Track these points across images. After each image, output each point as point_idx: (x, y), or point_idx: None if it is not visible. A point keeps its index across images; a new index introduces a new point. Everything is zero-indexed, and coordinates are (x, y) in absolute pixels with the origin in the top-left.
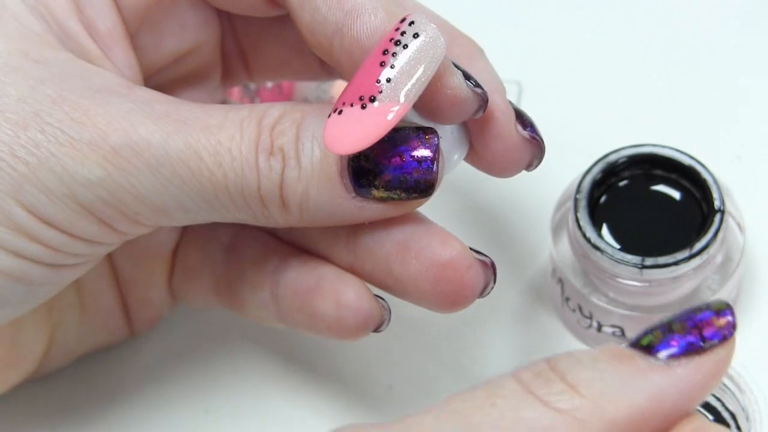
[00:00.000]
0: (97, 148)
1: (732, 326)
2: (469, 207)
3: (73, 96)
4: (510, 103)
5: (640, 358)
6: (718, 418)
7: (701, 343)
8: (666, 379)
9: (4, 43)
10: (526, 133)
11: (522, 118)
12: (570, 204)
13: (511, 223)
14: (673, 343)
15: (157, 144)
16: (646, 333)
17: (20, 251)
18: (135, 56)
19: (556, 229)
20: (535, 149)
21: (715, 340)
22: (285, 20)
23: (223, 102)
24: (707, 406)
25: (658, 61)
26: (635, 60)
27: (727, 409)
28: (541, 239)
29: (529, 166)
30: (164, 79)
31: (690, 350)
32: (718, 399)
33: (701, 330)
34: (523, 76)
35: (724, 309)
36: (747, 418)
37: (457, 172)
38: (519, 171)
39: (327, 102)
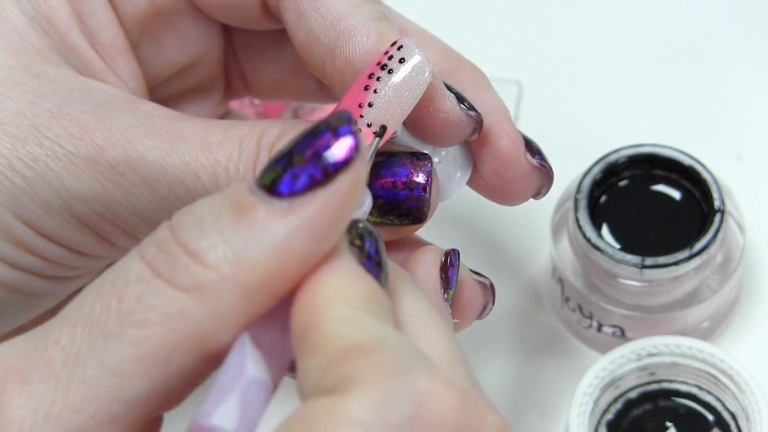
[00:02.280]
0: (95, 163)
1: (354, 147)
2: (469, 207)
3: (72, 111)
4: (519, 132)
5: (260, 207)
6: (719, 419)
7: (322, 174)
8: (288, 226)
9: (5, 56)
10: (535, 161)
11: (530, 146)
12: (570, 204)
13: (511, 223)
14: (295, 177)
15: (155, 161)
16: (269, 168)
17: (18, 263)
18: (138, 67)
19: (556, 229)
20: (543, 177)
21: (337, 167)
22: (283, 42)
23: (226, 114)
24: (707, 406)
25: (658, 61)
26: (635, 60)
27: (727, 409)
28: (541, 239)
29: (537, 194)
30: (167, 92)
31: (313, 183)
32: (719, 399)
33: (321, 157)
34: (523, 76)
35: (342, 125)
36: (747, 418)
37: None
38: (527, 199)
39: (326, 110)
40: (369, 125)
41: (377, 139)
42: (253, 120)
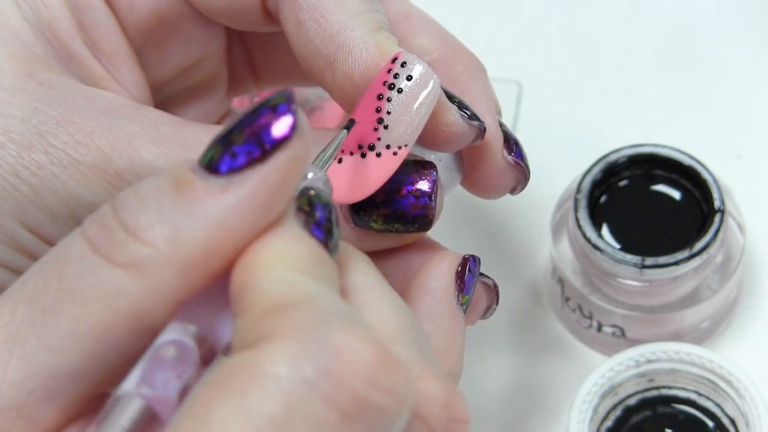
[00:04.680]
0: (101, 171)
1: (293, 125)
2: (469, 207)
3: (77, 118)
4: (501, 125)
5: (199, 184)
6: (718, 424)
7: (260, 151)
8: (224, 203)
9: (9, 63)
10: (510, 159)
11: (509, 143)
12: (570, 204)
13: (511, 223)
14: (233, 155)
15: (160, 169)
16: (210, 146)
17: (22, 269)
18: (142, 74)
19: (556, 229)
20: (519, 175)
21: (275, 144)
22: None
23: (228, 112)
24: (707, 412)
25: (658, 61)
26: (635, 60)
27: (727, 415)
28: (541, 239)
29: (513, 190)
30: (170, 91)
31: (250, 161)
32: (718, 405)
33: (259, 135)
34: (523, 76)
35: (281, 103)
36: (747, 424)
37: None
38: (503, 194)
39: (327, 101)
40: (388, 147)
41: (344, 131)
42: None
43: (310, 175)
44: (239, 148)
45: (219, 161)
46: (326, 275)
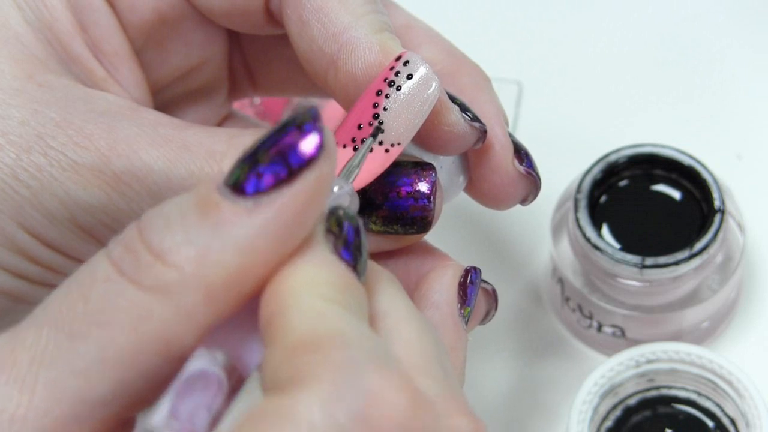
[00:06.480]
0: (100, 173)
1: (319, 145)
2: (469, 208)
3: (77, 120)
4: (510, 135)
5: (225, 206)
6: (718, 424)
7: (286, 172)
8: (252, 226)
9: (9, 65)
10: (522, 168)
11: (519, 153)
12: (570, 204)
13: (511, 223)
14: (260, 175)
15: (160, 171)
16: (236, 166)
17: (21, 272)
18: (143, 75)
19: (556, 229)
20: (530, 185)
21: (302, 164)
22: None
23: (229, 115)
24: (707, 412)
25: (658, 61)
26: (635, 60)
27: (727, 415)
28: (541, 239)
29: (524, 200)
30: (171, 94)
31: (277, 181)
32: (718, 405)
33: (285, 155)
34: (523, 76)
35: (307, 122)
36: (747, 424)
37: None
38: (513, 205)
39: (327, 101)
40: (381, 143)
41: (371, 138)
42: (256, 124)
43: (335, 189)
44: (265, 168)
45: (245, 182)
46: (355, 302)
